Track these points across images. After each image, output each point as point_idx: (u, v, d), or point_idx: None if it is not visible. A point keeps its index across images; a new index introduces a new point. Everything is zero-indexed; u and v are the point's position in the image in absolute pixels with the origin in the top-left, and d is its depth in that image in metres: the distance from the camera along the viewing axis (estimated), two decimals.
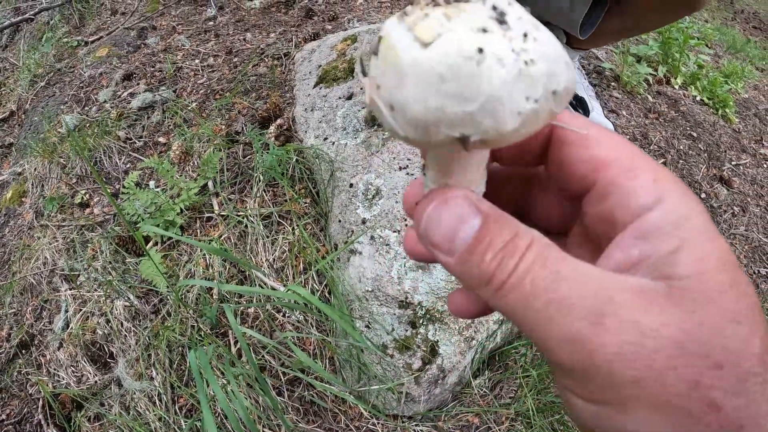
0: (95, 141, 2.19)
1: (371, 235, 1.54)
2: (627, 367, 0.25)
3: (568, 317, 0.26)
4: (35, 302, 1.84)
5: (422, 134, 0.26)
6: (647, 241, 0.28)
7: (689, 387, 0.24)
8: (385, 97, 0.26)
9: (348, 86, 1.88)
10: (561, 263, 0.28)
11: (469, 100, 0.24)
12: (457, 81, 0.24)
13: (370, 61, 0.27)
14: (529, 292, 0.27)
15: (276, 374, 1.57)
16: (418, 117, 0.25)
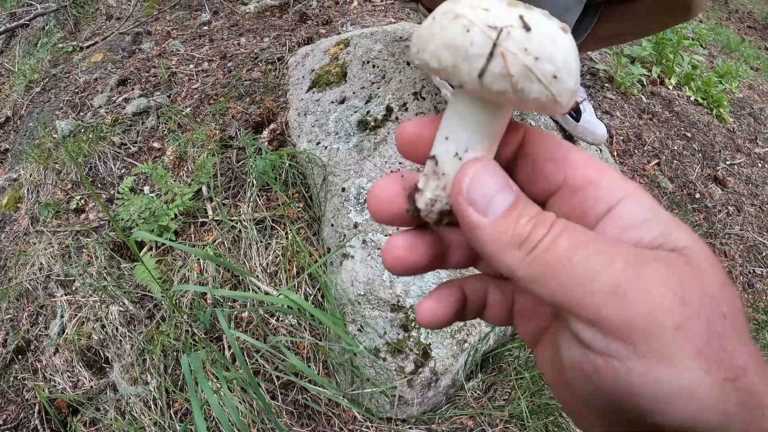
0: (90, 146, 2.20)
1: (363, 239, 1.55)
2: (669, 316, 0.26)
3: (609, 270, 0.27)
4: (31, 308, 1.84)
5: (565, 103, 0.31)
6: (634, 227, 0.31)
7: (710, 335, 0.27)
8: (545, 71, 0.29)
9: (341, 90, 1.88)
10: (588, 232, 0.30)
11: (575, 83, 0.32)
12: (575, 66, 0.31)
13: (510, 35, 0.29)
14: (566, 248, 0.29)
15: (270, 378, 1.57)
16: (569, 89, 0.31)
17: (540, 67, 0.29)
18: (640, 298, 0.27)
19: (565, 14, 1.44)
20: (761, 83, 4.82)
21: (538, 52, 0.29)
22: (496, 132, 0.34)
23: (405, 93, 1.75)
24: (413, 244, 0.36)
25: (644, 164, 2.75)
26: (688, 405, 0.26)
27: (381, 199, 0.36)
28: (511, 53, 0.28)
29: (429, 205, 0.35)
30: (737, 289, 1.33)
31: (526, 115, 1.79)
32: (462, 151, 0.34)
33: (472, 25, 0.29)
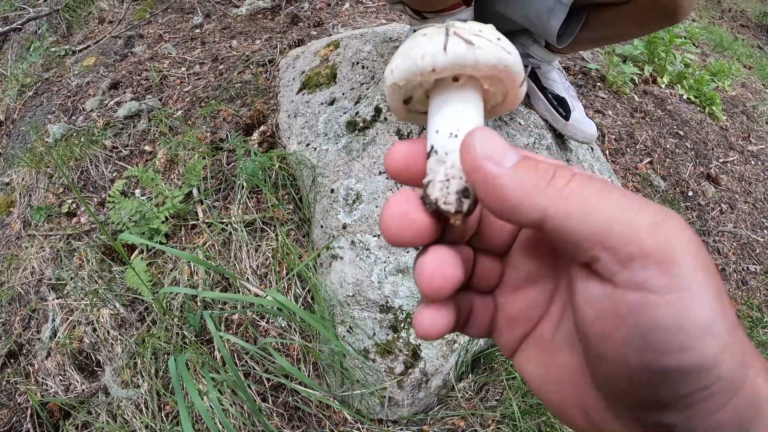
0: (82, 150, 2.20)
1: (352, 240, 1.55)
2: (696, 253, 0.28)
3: (647, 208, 0.29)
4: (23, 312, 1.84)
5: None
6: None
7: (714, 277, 0.28)
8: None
9: (330, 92, 1.89)
10: (607, 183, 0.31)
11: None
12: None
13: None
14: (600, 187, 0.30)
15: (260, 380, 1.57)
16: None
17: (485, 34, 0.34)
18: (678, 234, 0.28)
19: (550, 17, 1.45)
20: (754, 81, 4.84)
21: (479, 28, 0.35)
22: (478, 111, 0.36)
23: None
24: (451, 258, 0.35)
25: (637, 163, 2.75)
26: (708, 345, 0.27)
27: (395, 213, 0.35)
28: (461, 29, 0.34)
29: (444, 188, 0.35)
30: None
31: (516, 115, 1.79)
32: (455, 131, 0.35)
33: (426, 32, 0.35)
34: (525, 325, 0.39)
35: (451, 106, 0.36)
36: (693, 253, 0.28)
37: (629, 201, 0.29)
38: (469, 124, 0.35)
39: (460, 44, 0.33)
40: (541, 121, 1.83)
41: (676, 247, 0.28)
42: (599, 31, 1.54)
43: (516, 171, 0.31)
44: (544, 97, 1.79)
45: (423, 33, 0.35)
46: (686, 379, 0.27)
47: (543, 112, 1.83)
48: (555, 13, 1.43)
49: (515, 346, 0.40)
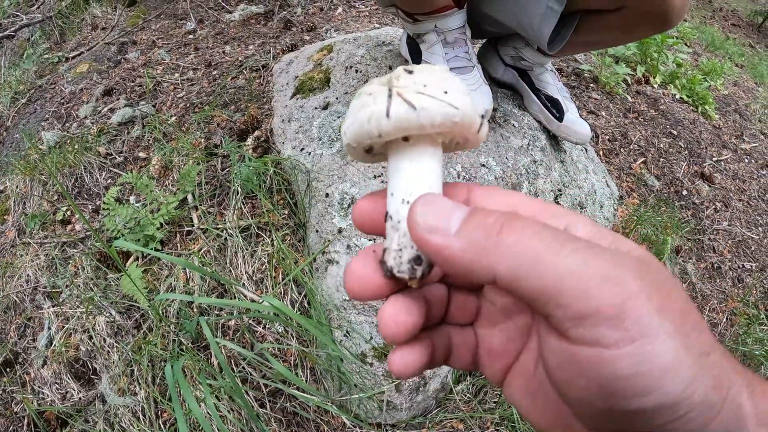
0: (76, 157, 2.19)
1: (347, 244, 1.55)
2: (652, 299, 0.28)
3: (598, 260, 0.29)
4: (19, 320, 1.83)
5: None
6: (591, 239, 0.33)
7: (683, 314, 0.29)
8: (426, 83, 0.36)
9: (324, 96, 1.89)
10: (560, 230, 0.32)
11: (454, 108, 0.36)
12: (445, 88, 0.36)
13: (400, 79, 0.35)
14: (551, 242, 0.29)
15: (258, 386, 1.57)
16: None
17: (430, 89, 0.33)
18: (627, 285, 0.28)
19: (541, 24, 1.45)
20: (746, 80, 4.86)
21: (424, 80, 0.34)
22: (432, 172, 0.37)
23: None
24: (408, 307, 0.36)
25: (631, 163, 2.76)
26: (673, 382, 0.27)
27: (355, 276, 0.37)
28: (403, 88, 0.34)
29: (397, 257, 0.36)
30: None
31: (509, 117, 1.80)
32: (407, 196, 0.36)
33: (371, 91, 0.35)
34: (506, 357, 0.40)
35: (402, 170, 0.37)
36: (646, 299, 0.28)
37: (582, 253, 0.29)
38: (419, 189, 0.36)
39: (402, 107, 0.33)
40: (534, 123, 1.83)
41: (627, 299, 0.28)
42: (591, 36, 1.54)
43: (461, 236, 0.32)
44: (538, 99, 1.80)
45: (368, 92, 0.35)
46: (656, 414, 0.28)
47: (537, 114, 1.83)
48: (546, 19, 1.44)
49: (501, 377, 0.40)
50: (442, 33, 1.57)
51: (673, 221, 2.47)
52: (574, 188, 1.85)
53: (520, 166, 1.67)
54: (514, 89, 1.90)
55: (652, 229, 2.33)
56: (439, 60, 1.58)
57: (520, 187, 1.65)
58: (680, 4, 1.29)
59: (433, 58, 1.59)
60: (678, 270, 2.36)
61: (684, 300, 0.30)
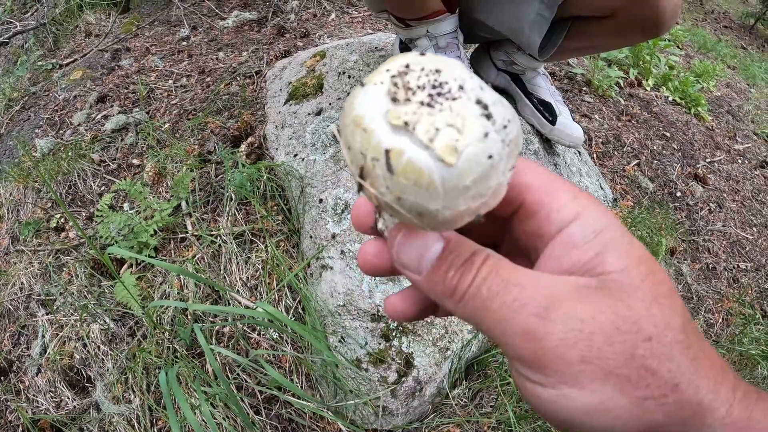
0: (70, 164, 2.19)
1: (341, 249, 1.55)
2: (573, 349, 0.30)
3: (520, 315, 0.31)
4: (13, 328, 1.83)
5: (448, 227, 0.31)
6: (576, 248, 0.33)
7: (626, 358, 0.30)
8: (411, 207, 0.29)
9: (317, 102, 1.89)
10: (511, 272, 0.32)
11: (485, 194, 0.30)
12: (478, 185, 0.29)
13: (374, 170, 0.29)
14: (486, 297, 0.32)
15: (253, 393, 1.57)
16: (448, 218, 0.30)
17: (403, 204, 0.29)
18: (546, 338, 0.30)
19: (532, 31, 1.46)
20: (738, 81, 4.89)
21: (400, 191, 0.29)
22: None
23: None
24: (381, 251, 0.39)
25: (624, 165, 2.77)
26: (606, 420, 0.30)
27: (358, 214, 0.40)
28: (373, 192, 0.30)
29: (384, 227, 0.38)
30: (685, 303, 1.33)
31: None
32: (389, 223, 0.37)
33: (349, 155, 0.31)
34: None
35: None
36: (572, 349, 0.30)
37: (511, 305, 0.31)
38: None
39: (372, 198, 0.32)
40: (527, 127, 1.84)
41: (545, 354, 0.31)
42: (582, 42, 1.55)
43: (428, 282, 0.34)
44: (530, 103, 1.81)
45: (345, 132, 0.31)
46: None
47: (529, 118, 1.84)
48: (536, 26, 1.44)
49: None
50: (434, 38, 1.57)
51: (667, 223, 2.48)
52: None
53: None
54: (506, 93, 1.91)
55: (646, 231, 2.34)
56: None
57: None
58: (671, 11, 1.30)
59: None
60: (673, 271, 2.37)
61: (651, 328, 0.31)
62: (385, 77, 0.30)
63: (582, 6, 1.40)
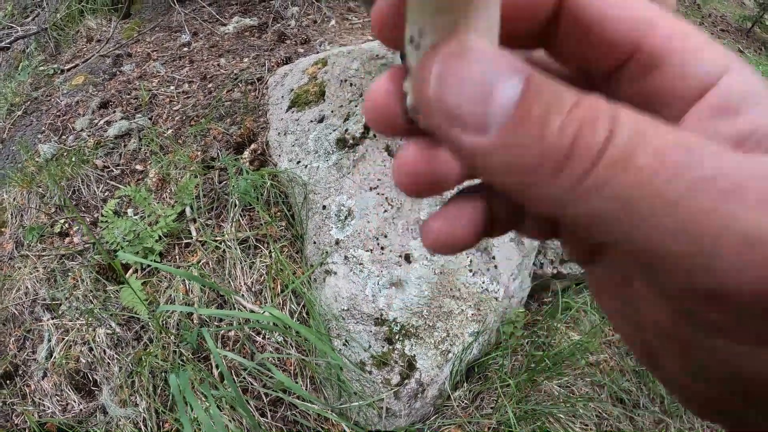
0: (73, 170, 2.21)
1: (345, 255, 1.58)
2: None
3: (743, 204, 0.16)
4: (18, 332, 1.84)
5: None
6: (739, 113, 0.21)
7: None
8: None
9: (319, 109, 1.91)
10: (691, 135, 0.18)
11: None
12: None
13: None
14: (660, 167, 0.17)
15: (258, 395, 1.59)
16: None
17: None
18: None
19: None
20: None
21: None
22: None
23: None
24: (423, 149, 0.23)
25: None
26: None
27: (374, 98, 0.24)
28: None
29: (413, 112, 0.23)
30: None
31: None
32: (416, 36, 0.22)
33: None
34: None
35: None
36: None
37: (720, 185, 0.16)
38: (440, 26, 0.21)
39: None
40: None
41: None
42: None
43: (506, 147, 0.19)
44: None
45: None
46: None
47: None
48: None
49: (593, 255, 0.27)
50: None
51: None
52: None
53: None
54: None
55: None
56: None
57: None
58: None
59: None
60: None
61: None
62: None
63: None
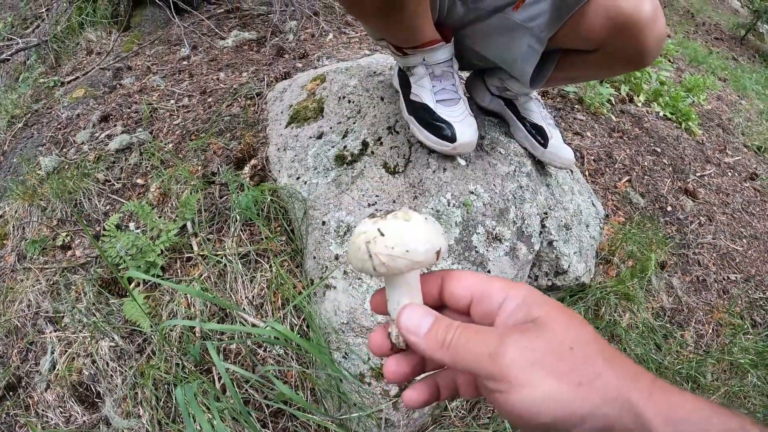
0: (75, 183, 2.23)
1: (344, 270, 1.61)
2: (523, 360, 0.44)
3: (487, 346, 0.47)
4: (21, 344, 1.86)
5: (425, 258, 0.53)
6: (513, 314, 0.51)
7: (558, 361, 0.44)
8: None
9: (318, 125, 1.94)
10: (476, 328, 0.51)
11: (435, 243, 0.55)
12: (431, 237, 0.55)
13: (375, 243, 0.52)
14: (463, 342, 0.49)
15: (260, 407, 1.62)
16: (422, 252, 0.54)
17: (396, 251, 0.51)
18: (505, 356, 0.45)
19: (523, 62, 1.53)
20: (729, 93, 4.94)
21: (392, 243, 0.51)
22: (410, 287, 0.56)
23: (380, 128, 1.82)
24: (398, 361, 0.58)
25: (616, 182, 2.83)
26: (553, 405, 0.43)
27: (374, 343, 0.58)
28: (378, 252, 0.52)
29: (396, 339, 0.57)
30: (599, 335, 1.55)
31: (497, 145, 1.86)
32: (397, 305, 0.56)
33: (359, 247, 0.53)
34: None
35: (391, 288, 0.56)
36: (521, 360, 0.44)
37: (478, 339, 0.48)
38: (404, 299, 0.55)
39: (382, 267, 0.52)
40: (520, 149, 1.90)
41: (506, 367, 0.44)
42: (570, 73, 1.62)
43: (426, 340, 0.51)
44: (523, 127, 1.87)
45: (357, 246, 0.53)
46: (556, 426, 0.43)
47: (522, 141, 1.90)
48: (528, 58, 1.51)
49: None
50: (429, 66, 1.63)
51: (658, 237, 2.54)
52: (559, 210, 1.92)
53: (507, 191, 1.74)
54: (500, 117, 1.98)
55: (636, 246, 2.40)
56: (427, 93, 1.64)
57: (507, 212, 1.71)
58: (655, 45, 1.36)
59: (421, 91, 1.65)
60: (664, 284, 2.42)
61: (569, 342, 0.46)
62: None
63: (568, 41, 1.46)
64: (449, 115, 1.61)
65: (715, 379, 2.08)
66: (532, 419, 0.43)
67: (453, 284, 0.57)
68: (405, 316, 0.54)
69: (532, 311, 0.49)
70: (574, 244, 1.94)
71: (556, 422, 0.43)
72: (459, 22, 1.65)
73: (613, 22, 1.33)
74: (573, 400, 0.43)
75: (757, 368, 2.10)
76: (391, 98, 1.91)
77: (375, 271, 0.52)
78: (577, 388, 0.43)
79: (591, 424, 0.42)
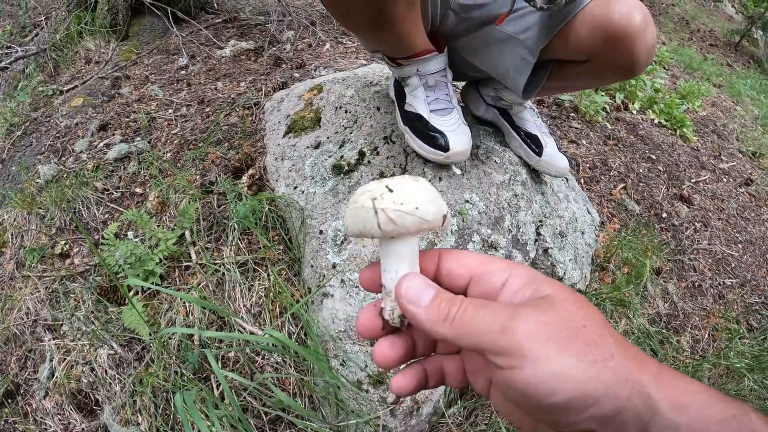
0: (73, 192, 2.24)
1: (341, 278, 1.62)
2: (539, 334, 0.42)
3: (498, 318, 0.44)
4: (19, 352, 1.86)
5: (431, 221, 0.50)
6: (518, 292, 0.49)
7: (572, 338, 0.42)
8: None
9: (315, 135, 1.96)
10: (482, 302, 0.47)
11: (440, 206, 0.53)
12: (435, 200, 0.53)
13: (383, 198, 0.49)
14: (471, 313, 0.46)
15: (258, 414, 1.62)
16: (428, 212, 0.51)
17: (405, 207, 0.48)
18: (518, 329, 0.43)
19: (516, 73, 1.55)
20: (724, 99, 4.96)
21: (401, 199, 0.48)
22: (411, 256, 0.52)
23: (376, 138, 1.84)
24: (392, 343, 0.54)
25: (611, 189, 2.85)
26: (568, 383, 0.40)
27: (363, 324, 0.54)
28: (385, 207, 0.48)
29: (390, 314, 0.52)
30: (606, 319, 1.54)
31: (492, 154, 1.88)
32: (394, 274, 0.52)
33: (363, 204, 0.49)
34: (484, 375, 0.53)
35: (390, 254, 0.52)
36: (535, 334, 0.42)
37: (487, 313, 0.45)
38: (403, 268, 0.51)
39: (386, 222, 0.48)
40: (515, 158, 1.92)
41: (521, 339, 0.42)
42: (563, 82, 1.64)
43: (427, 311, 0.48)
44: (518, 136, 1.89)
45: (360, 204, 0.50)
46: (569, 407, 0.41)
47: (517, 150, 1.92)
48: (520, 69, 1.53)
49: (486, 389, 0.54)
50: (423, 76, 1.65)
51: (653, 244, 2.55)
52: (554, 218, 1.93)
53: (502, 200, 1.76)
54: (495, 126, 2.00)
55: (632, 252, 2.42)
56: (421, 103, 1.66)
57: (503, 221, 1.73)
58: (645, 55, 1.38)
59: (415, 101, 1.68)
60: (660, 290, 2.44)
61: (582, 321, 0.44)
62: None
63: (560, 52, 1.48)
64: (443, 125, 1.63)
65: (712, 384, 2.09)
66: (544, 398, 0.41)
67: (451, 262, 0.54)
68: (406, 285, 0.50)
69: (540, 289, 0.48)
70: (570, 251, 1.95)
71: (571, 402, 0.41)
72: (452, 32, 1.67)
73: (604, 33, 1.35)
74: (588, 379, 0.41)
75: (754, 372, 2.11)
76: (387, 108, 1.93)
77: (379, 229, 0.48)
78: (592, 366, 0.41)
79: (603, 404, 0.41)
